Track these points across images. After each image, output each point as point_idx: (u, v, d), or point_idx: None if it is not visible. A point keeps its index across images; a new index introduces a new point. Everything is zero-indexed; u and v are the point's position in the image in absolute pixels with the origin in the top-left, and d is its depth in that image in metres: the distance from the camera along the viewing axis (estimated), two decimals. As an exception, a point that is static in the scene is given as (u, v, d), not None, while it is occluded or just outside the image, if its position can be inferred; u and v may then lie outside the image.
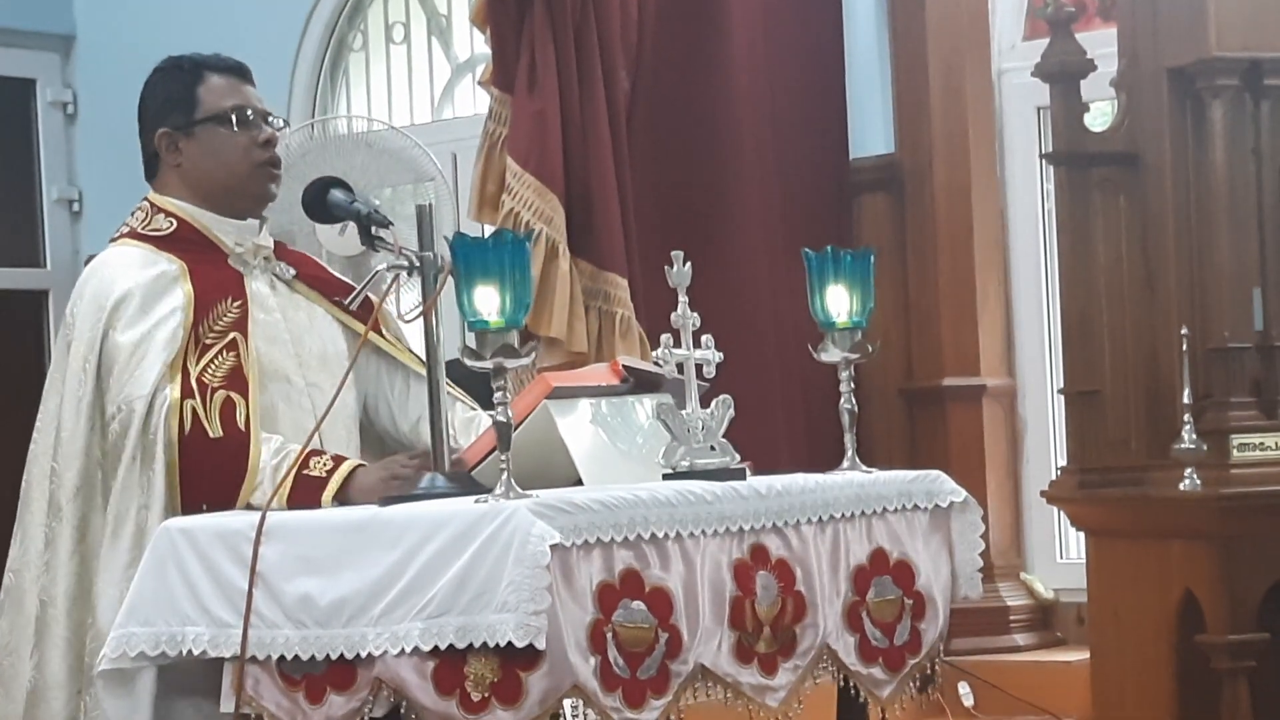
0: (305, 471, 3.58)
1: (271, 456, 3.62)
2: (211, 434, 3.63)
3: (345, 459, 3.62)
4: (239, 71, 3.91)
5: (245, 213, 3.88)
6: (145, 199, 3.90)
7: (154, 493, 3.63)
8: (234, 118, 3.83)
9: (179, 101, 3.85)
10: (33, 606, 3.70)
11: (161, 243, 3.82)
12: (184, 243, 3.82)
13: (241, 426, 3.64)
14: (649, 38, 5.99)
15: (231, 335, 3.74)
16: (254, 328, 3.77)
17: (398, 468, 3.57)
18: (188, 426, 3.63)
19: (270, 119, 3.89)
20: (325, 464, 3.59)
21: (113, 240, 3.89)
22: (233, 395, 3.66)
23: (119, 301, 3.73)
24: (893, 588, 3.70)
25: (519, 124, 5.64)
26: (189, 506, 3.59)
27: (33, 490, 3.76)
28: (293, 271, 3.93)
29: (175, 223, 3.84)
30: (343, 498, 3.55)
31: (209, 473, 3.61)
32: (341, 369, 3.76)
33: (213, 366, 3.70)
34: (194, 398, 3.65)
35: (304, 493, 3.56)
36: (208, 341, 3.73)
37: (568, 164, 5.63)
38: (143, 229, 3.85)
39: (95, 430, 3.71)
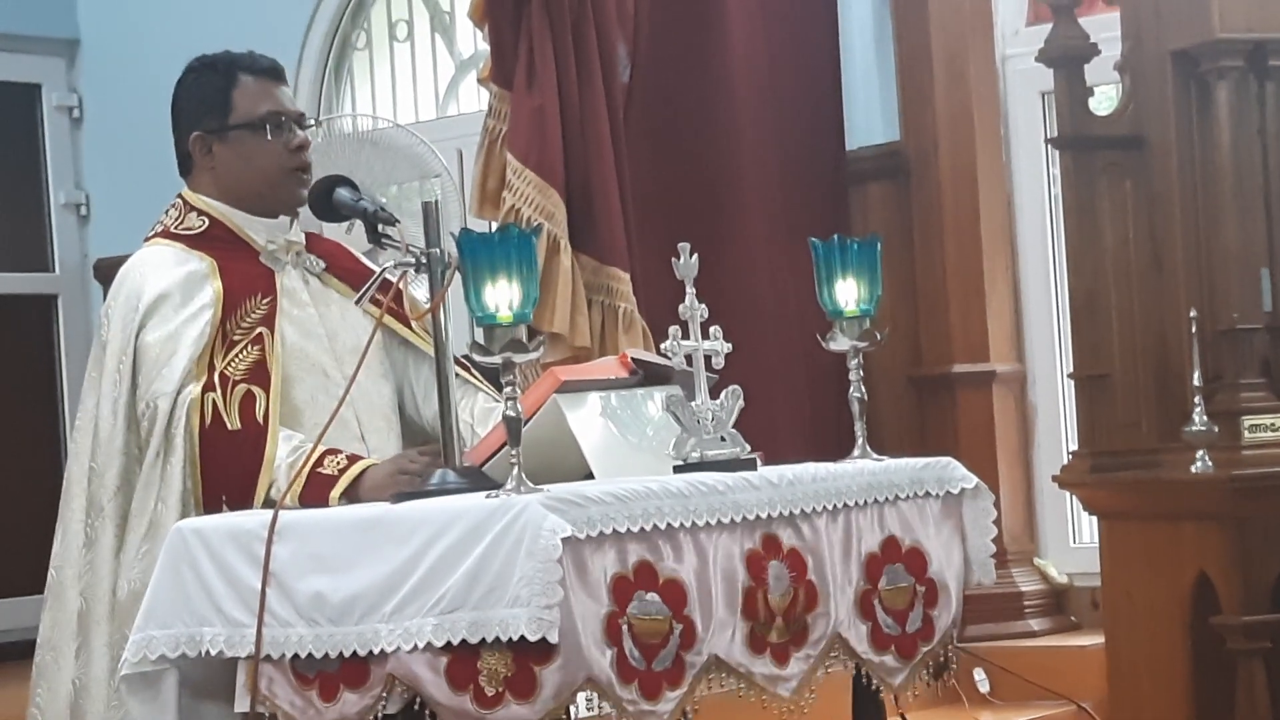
0: (319, 470, 3.60)
1: (288, 454, 3.63)
2: (230, 426, 3.65)
3: (360, 458, 3.64)
4: (272, 72, 3.95)
5: (276, 214, 3.92)
6: (179, 195, 3.95)
7: (170, 486, 3.66)
8: (268, 125, 3.86)
9: (213, 105, 3.89)
10: (74, 603, 3.73)
11: (193, 241, 3.86)
12: (216, 240, 3.85)
13: (260, 419, 3.66)
14: (646, 31, 5.99)
15: (258, 330, 3.78)
16: (286, 323, 3.80)
17: (406, 463, 3.59)
18: (208, 419, 3.66)
19: (302, 121, 3.91)
20: (339, 463, 3.61)
21: (147, 239, 3.93)
22: (253, 389, 3.69)
23: (152, 302, 3.77)
24: (904, 575, 3.71)
25: (518, 120, 5.64)
26: (209, 499, 3.62)
27: (73, 488, 3.79)
28: (322, 265, 3.97)
29: (208, 221, 3.88)
30: (352, 495, 3.57)
31: (226, 465, 3.63)
32: (377, 361, 3.85)
33: (237, 360, 3.72)
34: (215, 390, 3.67)
35: (315, 490, 3.58)
36: (235, 337, 3.77)
37: (568, 159, 5.63)
38: (176, 228, 3.90)
39: (132, 429, 3.76)
